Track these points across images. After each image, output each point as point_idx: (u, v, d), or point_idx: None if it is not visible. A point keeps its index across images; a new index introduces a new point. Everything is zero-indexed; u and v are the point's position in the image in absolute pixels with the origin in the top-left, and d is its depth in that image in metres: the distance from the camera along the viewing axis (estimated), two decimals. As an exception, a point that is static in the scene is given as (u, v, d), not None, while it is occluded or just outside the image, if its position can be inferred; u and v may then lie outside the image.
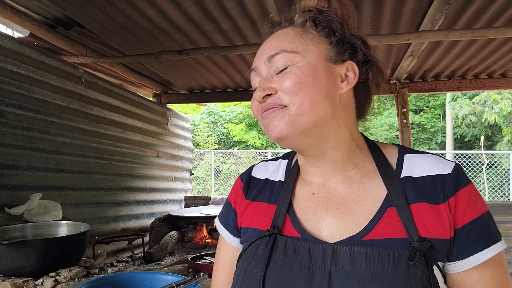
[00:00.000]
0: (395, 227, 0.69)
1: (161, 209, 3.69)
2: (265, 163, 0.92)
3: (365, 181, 0.76)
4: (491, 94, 11.03)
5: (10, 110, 2.07)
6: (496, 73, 3.44)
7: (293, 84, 0.71)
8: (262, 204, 0.84)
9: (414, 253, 0.64)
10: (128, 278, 1.32)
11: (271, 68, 0.75)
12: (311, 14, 0.78)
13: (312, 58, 0.74)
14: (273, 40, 0.78)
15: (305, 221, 0.77)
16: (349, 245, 0.68)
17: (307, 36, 0.76)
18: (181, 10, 2.22)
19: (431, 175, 0.72)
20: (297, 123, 0.71)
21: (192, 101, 4.29)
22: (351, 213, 0.74)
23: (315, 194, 0.79)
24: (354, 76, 0.77)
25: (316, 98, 0.71)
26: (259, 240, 0.76)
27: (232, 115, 16.86)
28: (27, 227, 1.86)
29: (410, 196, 0.71)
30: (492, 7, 2.19)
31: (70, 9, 2.22)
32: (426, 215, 0.69)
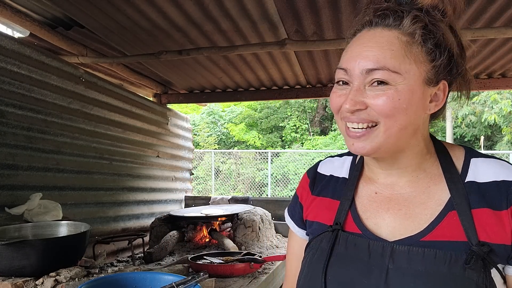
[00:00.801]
0: (454, 230, 0.70)
1: (161, 209, 3.69)
2: (330, 159, 0.96)
3: (430, 185, 0.77)
4: (491, 94, 11.03)
5: (10, 110, 2.07)
6: (496, 73, 3.44)
7: (387, 107, 0.70)
8: (326, 200, 0.88)
9: (471, 257, 0.66)
10: (128, 278, 1.33)
11: (366, 79, 0.72)
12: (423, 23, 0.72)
13: (411, 81, 0.71)
14: (374, 44, 0.72)
15: (366, 218, 0.80)
16: (408, 245, 0.71)
17: (411, 51, 0.71)
18: (181, 10, 2.22)
19: (496, 181, 0.73)
20: (382, 145, 0.73)
21: (192, 101, 4.29)
22: (412, 215, 0.76)
23: (377, 193, 0.82)
24: (443, 97, 0.77)
25: (406, 124, 0.72)
26: (323, 234, 0.82)
27: (232, 115, 16.86)
28: (27, 227, 1.86)
29: (472, 201, 0.72)
30: (492, 7, 2.19)
31: (70, 9, 2.22)
32: (487, 220, 0.70)
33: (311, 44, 2.44)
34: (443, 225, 0.71)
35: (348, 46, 0.79)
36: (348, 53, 0.76)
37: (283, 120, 16.32)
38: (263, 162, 13.73)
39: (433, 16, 0.73)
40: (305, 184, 0.95)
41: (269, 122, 16.33)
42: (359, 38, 0.76)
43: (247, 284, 1.92)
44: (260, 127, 16.57)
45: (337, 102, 0.76)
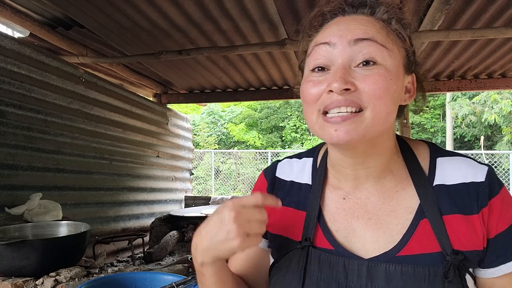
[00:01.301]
0: (428, 241, 0.67)
1: (161, 209, 3.69)
2: (289, 162, 0.87)
3: (398, 190, 0.73)
4: (491, 94, 11.03)
5: (10, 110, 2.07)
6: (496, 73, 3.44)
7: (380, 88, 0.64)
8: (290, 210, 0.79)
9: (448, 268, 0.64)
10: (128, 278, 1.33)
11: (353, 54, 0.65)
12: (398, 13, 0.71)
13: (396, 61, 0.68)
14: (357, 22, 0.68)
15: (336, 230, 0.74)
16: (384, 262, 0.67)
17: (391, 34, 0.69)
18: (181, 10, 2.22)
19: (464, 182, 0.70)
20: (368, 133, 0.65)
21: (192, 101, 4.29)
22: (383, 224, 0.71)
23: (345, 199, 0.76)
24: (413, 90, 0.75)
25: (392, 108, 0.67)
26: (291, 252, 0.74)
27: (232, 115, 16.86)
28: (27, 227, 1.86)
29: (443, 206, 0.69)
30: (492, 7, 2.19)
31: (70, 9, 2.22)
32: (459, 227, 0.67)
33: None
34: (417, 237, 0.68)
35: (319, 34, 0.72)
36: (327, 32, 0.70)
37: (283, 120, 16.32)
38: (263, 162, 13.74)
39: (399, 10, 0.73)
40: (263, 188, 0.85)
41: (269, 122, 16.33)
42: (335, 22, 0.71)
43: (247, 284, 1.92)
44: (260, 127, 16.58)
45: (316, 89, 0.67)
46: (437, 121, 14.12)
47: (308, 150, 0.88)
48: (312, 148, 0.87)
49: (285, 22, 2.38)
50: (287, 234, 0.78)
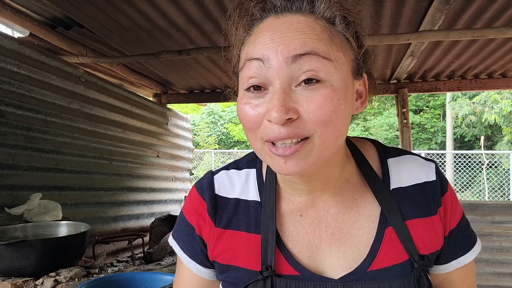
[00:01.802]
0: (396, 250, 0.65)
1: (161, 209, 3.69)
2: (226, 175, 0.74)
3: (356, 197, 0.68)
4: (491, 94, 11.02)
5: (10, 110, 2.07)
6: (496, 73, 3.44)
7: (326, 113, 0.55)
8: (240, 234, 0.68)
9: (419, 275, 0.63)
10: (128, 278, 1.33)
11: (292, 73, 0.55)
12: (342, 9, 0.60)
13: (343, 73, 0.58)
14: (294, 30, 0.57)
15: (298, 252, 0.66)
16: (358, 281, 0.63)
17: (335, 37, 0.58)
18: (181, 10, 2.22)
19: (418, 183, 0.68)
20: (319, 160, 0.58)
21: (192, 101, 4.29)
22: (347, 238, 0.66)
23: (303, 216, 0.68)
24: (365, 92, 0.66)
25: (343, 130, 0.59)
26: (251, 285, 0.64)
27: (232, 115, 16.86)
28: (27, 227, 1.86)
29: (404, 211, 0.66)
30: (492, 7, 2.19)
31: (70, 9, 2.22)
32: (422, 231, 0.66)
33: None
34: (385, 247, 0.64)
35: (249, 40, 0.61)
36: (259, 43, 0.58)
37: (283, 120, 16.30)
38: (263, 162, 13.71)
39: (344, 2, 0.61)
40: (202, 211, 0.71)
41: (269, 122, 16.31)
42: (267, 26, 0.59)
43: (247, 284, 1.92)
44: (260, 127, 16.56)
45: (255, 115, 0.58)
46: (437, 121, 14.11)
47: (246, 159, 0.76)
48: (250, 155, 0.76)
49: (285, 22, 2.38)
50: (242, 264, 0.67)
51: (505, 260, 3.49)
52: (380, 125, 13.84)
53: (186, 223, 0.72)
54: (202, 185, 0.72)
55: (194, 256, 0.71)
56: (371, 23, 2.40)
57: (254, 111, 0.58)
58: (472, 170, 9.82)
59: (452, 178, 11.14)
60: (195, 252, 0.71)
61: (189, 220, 0.72)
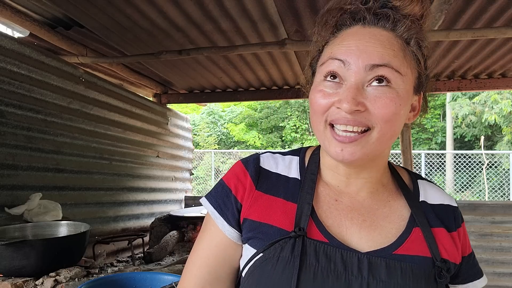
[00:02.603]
0: (421, 246, 0.71)
1: (161, 209, 3.69)
2: (272, 156, 0.81)
3: (390, 200, 0.77)
4: (491, 94, 11.03)
5: (10, 110, 2.07)
6: (496, 73, 3.44)
7: (388, 112, 0.65)
8: (278, 200, 0.74)
9: (440, 272, 0.69)
10: (128, 278, 1.33)
11: (366, 76, 0.65)
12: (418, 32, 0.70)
13: (408, 86, 0.68)
14: (376, 41, 0.66)
15: (329, 226, 0.71)
16: (383, 258, 0.68)
17: (408, 56, 0.68)
18: (181, 10, 2.22)
19: (443, 204, 0.79)
20: (372, 152, 0.67)
21: (192, 101, 4.29)
22: (377, 227, 0.72)
23: (338, 201, 0.75)
24: (418, 108, 0.76)
25: (397, 131, 0.69)
26: (282, 241, 0.68)
27: (232, 115, 16.86)
28: (27, 227, 1.86)
29: (430, 219, 0.75)
30: (492, 7, 2.19)
31: (70, 9, 2.22)
32: (445, 239, 0.74)
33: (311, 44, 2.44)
34: (411, 240, 0.71)
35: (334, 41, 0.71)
36: (344, 46, 0.68)
37: (283, 120, 16.32)
38: (263, 162, 13.71)
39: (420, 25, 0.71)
40: (243, 177, 0.76)
41: (269, 122, 16.33)
42: (354, 33, 0.69)
43: (247, 284, 1.92)
44: (260, 127, 16.58)
45: (326, 101, 0.67)
46: (437, 121, 14.11)
47: (291, 150, 0.85)
48: (295, 149, 0.85)
49: (285, 22, 2.38)
50: (275, 223, 0.71)
51: (505, 260, 3.49)
52: (380, 125, 13.82)
53: (223, 185, 0.77)
54: (248, 159, 0.80)
55: (223, 212, 0.75)
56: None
57: (326, 99, 0.67)
58: (472, 170, 9.82)
59: (452, 178, 11.14)
60: (226, 209, 0.75)
61: (227, 183, 0.77)
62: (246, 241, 0.74)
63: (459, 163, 10.08)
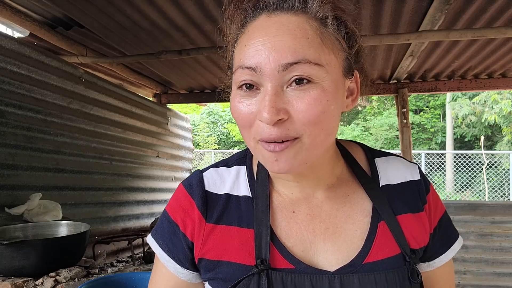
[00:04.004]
0: (389, 244, 0.66)
1: (161, 209, 3.69)
2: (216, 171, 0.73)
3: (348, 193, 0.69)
4: (491, 94, 11.03)
5: (10, 110, 2.07)
6: (496, 73, 3.44)
7: (315, 114, 0.56)
8: (232, 229, 0.67)
9: (411, 269, 0.65)
10: (128, 278, 1.33)
11: (282, 77, 0.56)
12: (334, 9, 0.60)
13: (334, 75, 0.59)
14: (285, 33, 0.56)
15: (292, 246, 0.65)
16: (354, 273, 0.63)
17: (327, 39, 0.58)
18: (181, 10, 2.22)
19: (405, 181, 0.71)
20: (308, 158, 0.60)
21: (192, 101, 4.29)
22: (342, 232, 0.66)
23: (295, 212, 0.68)
24: (357, 90, 0.66)
25: (331, 129, 0.61)
26: (246, 279, 0.62)
27: (232, 115, 16.85)
28: (27, 227, 1.86)
29: (394, 206, 0.68)
30: (492, 7, 2.19)
31: (70, 9, 2.22)
32: (412, 225, 0.68)
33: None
34: (378, 240, 0.66)
35: (242, 39, 0.61)
36: (251, 47, 0.58)
37: (283, 120, 16.30)
38: (263, 162, 13.71)
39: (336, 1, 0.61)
40: (189, 207, 0.69)
41: (269, 122, 16.32)
42: (259, 27, 0.59)
43: (247, 284, 1.92)
44: (260, 127, 16.56)
45: (247, 114, 0.59)
46: (437, 121, 14.11)
47: (236, 157, 0.76)
48: (241, 153, 0.76)
49: (285, 22, 2.38)
50: (234, 259, 0.65)
51: (505, 260, 3.49)
52: (380, 125, 13.84)
53: (169, 220, 0.70)
54: (191, 183, 0.72)
55: (173, 254, 0.69)
56: (371, 23, 2.40)
57: (247, 110, 0.59)
58: (472, 170, 9.82)
59: (452, 178, 11.14)
60: (176, 250, 0.69)
61: (173, 218, 0.70)
62: (206, 280, 0.69)
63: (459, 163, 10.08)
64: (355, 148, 0.76)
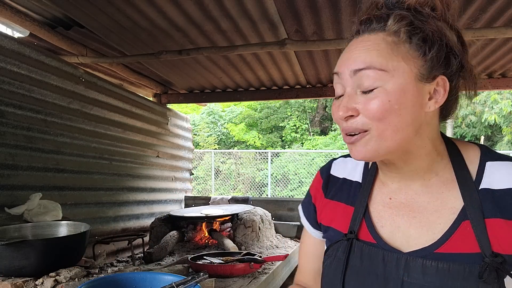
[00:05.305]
0: (468, 241, 0.70)
1: (161, 209, 3.69)
2: (343, 160, 0.94)
3: (443, 191, 0.76)
4: (491, 94, 11.03)
5: (10, 110, 2.07)
6: (496, 73, 3.44)
7: (378, 111, 0.69)
8: (341, 205, 0.88)
9: (485, 269, 0.66)
10: (128, 278, 1.32)
11: (355, 82, 0.71)
12: (407, 20, 0.71)
13: (401, 79, 0.69)
14: (361, 48, 0.72)
15: (381, 226, 0.80)
16: (421, 257, 0.71)
17: (399, 49, 0.70)
18: (181, 10, 2.22)
19: (510, 188, 0.71)
20: (379, 149, 0.72)
21: (192, 101, 4.29)
22: (426, 223, 0.75)
23: (392, 199, 0.81)
24: (444, 93, 0.73)
25: (400, 125, 0.70)
26: (339, 242, 0.83)
27: (232, 115, 16.87)
28: (27, 227, 1.86)
29: (486, 209, 0.70)
30: (492, 7, 2.19)
31: (70, 9, 2.22)
32: (500, 230, 0.69)
33: (311, 44, 2.44)
34: (457, 236, 0.71)
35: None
36: (340, 58, 0.77)
37: (283, 120, 16.32)
38: (263, 162, 13.74)
39: (420, 12, 0.72)
40: (318, 185, 0.94)
41: (269, 122, 16.33)
42: (348, 46, 0.77)
43: (247, 284, 1.92)
44: (260, 127, 16.58)
45: (335, 112, 0.75)
46: (437, 121, 14.11)
47: None
48: None
49: (285, 22, 2.38)
50: (337, 227, 0.86)
51: None
52: (380, 125, 13.83)
53: (308, 193, 0.98)
54: (324, 167, 0.97)
55: (309, 217, 0.97)
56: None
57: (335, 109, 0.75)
58: (472, 170, 9.81)
59: (452, 178, 11.14)
60: (309, 215, 0.97)
61: (310, 192, 0.97)
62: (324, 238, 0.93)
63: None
64: (470, 149, 0.79)
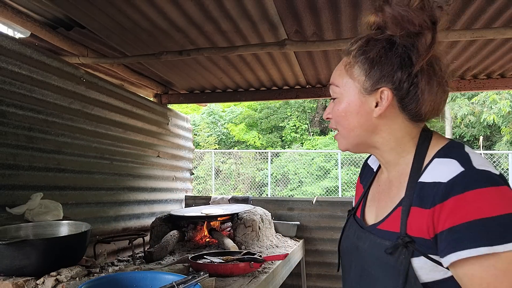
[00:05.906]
0: (395, 223, 0.89)
1: (162, 208, 3.70)
2: None
3: (401, 182, 0.93)
4: (490, 94, 11.04)
5: (11, 111, 2.08)
6: (495, 73, 3.44)
7: (335, 116, 0.98)
8: (361, 188, 1.15)
9: (393, 245, 0.85)
10: (129, 277, 1.33)
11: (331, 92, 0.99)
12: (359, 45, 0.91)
13: (348, 93, 0.94)
14: (336, 68, 0.99)
15: (368, 206, 1.05)
16: (369, 231, 0.96)
17: (350, 69, 0.93)
18: (182, 11, 2.23)
19: (434, 182, 0.83)
20: (347, 143, 0.98)
21: (192, 101, 4.30)
22: (383, 206, 0.97)
23: (380, 186, 1.04)
24: (386, 102, 0.89)
25: (350, 127, 0.95)
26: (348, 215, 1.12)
27: (232, 115, 16.87)
28: (28, 227, 1.86)
29: (415, 198, 0.86)
30: (491, 8, 2.20)
31: (71, 10, 2.23)
32: (415, 216, 0.84)
33: (311, 44, 2.45)
34: (390, 218, 0.91)
35: None
36: None
37: (283, 120, 16.32)
38: (263, 162, 13.74)
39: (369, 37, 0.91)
40: (360, 172, 1.19)
41: (269, 122, 16.33)
42: None
43: (247, 283, 1.93)
44: (260, 127, 16.58)
45: None
46: (436, 121, 14.10)
47: None
48: None
49: (285, 23, 2.39)
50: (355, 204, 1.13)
51: (505, 260, 3.49)
52: (380, 125, 13.81)
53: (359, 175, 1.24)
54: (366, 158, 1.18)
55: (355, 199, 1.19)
56: (370, 23, 2.41)
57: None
58: (471, 170, 9.79)
59: (451, 178, 11.12)
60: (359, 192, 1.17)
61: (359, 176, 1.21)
62: None
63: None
64: (440, 144, 0.90)
